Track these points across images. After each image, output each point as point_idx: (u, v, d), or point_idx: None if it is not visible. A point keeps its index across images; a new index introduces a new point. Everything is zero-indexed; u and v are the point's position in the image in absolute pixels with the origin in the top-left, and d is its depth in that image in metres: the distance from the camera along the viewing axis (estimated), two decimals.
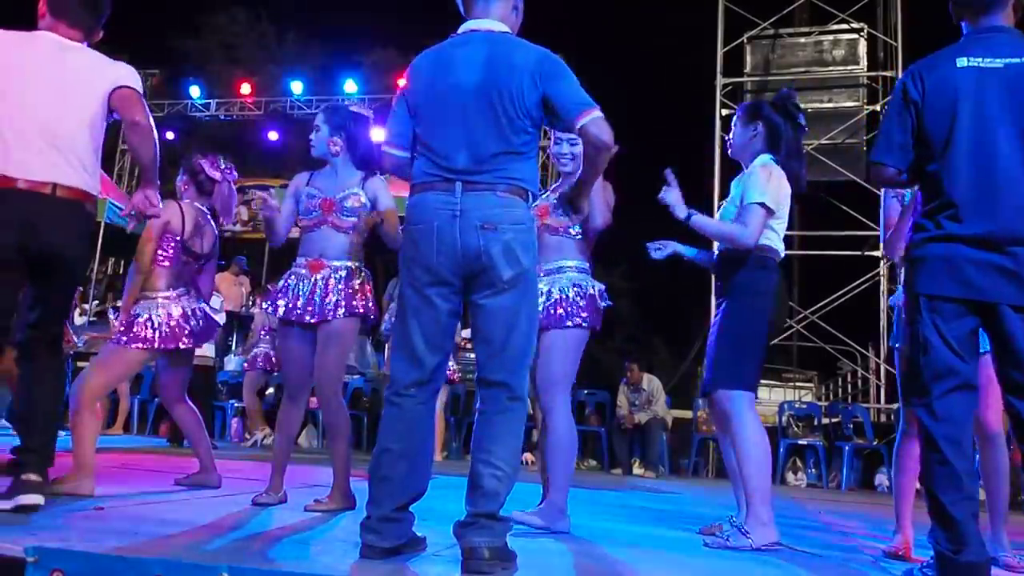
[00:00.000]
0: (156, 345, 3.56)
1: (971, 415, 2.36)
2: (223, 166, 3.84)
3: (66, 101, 2.70)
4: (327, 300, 3.25)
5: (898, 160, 2.47)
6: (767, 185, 3.09)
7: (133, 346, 3.54)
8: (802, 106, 3.43)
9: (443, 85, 2.35)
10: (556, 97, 2.31)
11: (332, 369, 3.28)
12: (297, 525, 2.84)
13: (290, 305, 3.30)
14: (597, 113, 2.32)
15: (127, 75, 2.83)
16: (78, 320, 9.18)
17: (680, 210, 3.16)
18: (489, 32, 2.40)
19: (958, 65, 2.39)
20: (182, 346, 3.63)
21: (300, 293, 3.30)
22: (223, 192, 3.82)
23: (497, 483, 2.21)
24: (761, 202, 3.07)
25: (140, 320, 3.58)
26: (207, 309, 3.81)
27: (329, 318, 3.24)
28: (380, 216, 3.33)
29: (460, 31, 2.45)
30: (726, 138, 3.41)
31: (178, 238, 3.68)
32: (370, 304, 3.33)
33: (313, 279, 3.30)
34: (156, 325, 3.57)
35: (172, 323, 3.60)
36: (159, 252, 3.66)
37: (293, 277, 3.36)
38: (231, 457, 6.01)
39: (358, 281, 3.31)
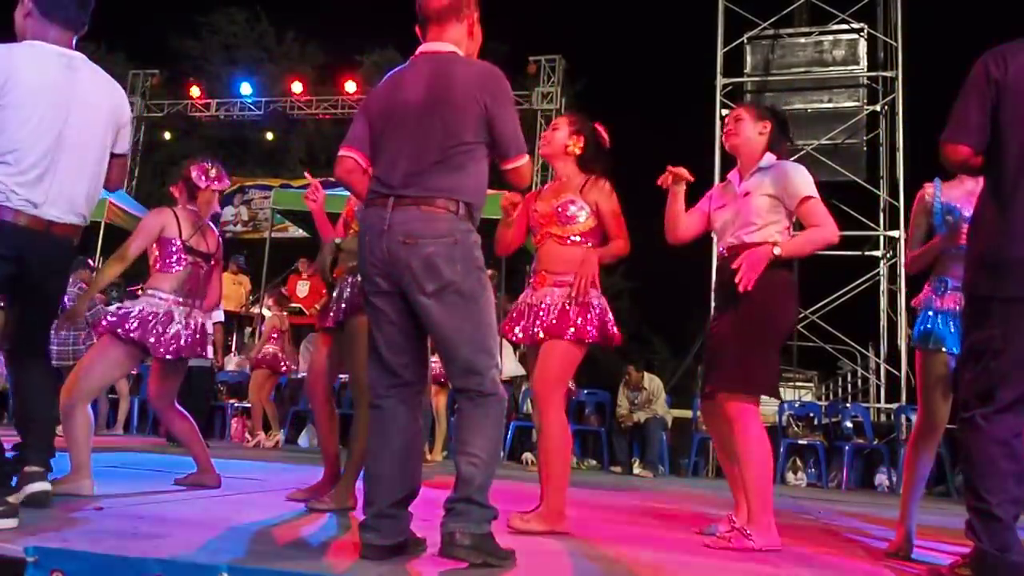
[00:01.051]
0: (141, 339, 3.52)
1: None
2: (213, 174, 3.84)
3: (72, 131, 2.61)
4: (343, 304, 3.37)
5: (975, 141, 2.33)
6: (806, 177, 3.09)
7: (122, 339, 3.51)
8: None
9: (391, 105, 2.44)
10: (496, 130, 2.40)
11: (360, 366, 3.28)
12: (297, 525, 2.84)
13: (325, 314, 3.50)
14: (524, 160, 2.46)
15: (126, 117, 2.85)
16: None
17: (766, 251, 2.96)
18: (435, 53, 2.48)
19: None
20: (168, 355, 3.59)
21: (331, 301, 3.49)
22: (205, 199, 3.84)
23: (473, 469, 2.26)
24: (812, 195, 3.05)
25: (132, 314, 3.55)
26: (204, 322, 3.79)
27: (341, 319, 3.35)
28: None
29: (415, 55, 2.53)
30: (728, 130, 3.35)
31: (178, 242, 3.67)
32: None
33: (339, 285, 3.46)
34: (148, 322, 3.54)
35: (163, 328, 3.58)
36: (164, 259, 3.66)
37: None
38: (231, 457, 6.01)
39: None
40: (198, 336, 3.71)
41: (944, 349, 3.05)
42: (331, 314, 3.45)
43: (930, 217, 3.18)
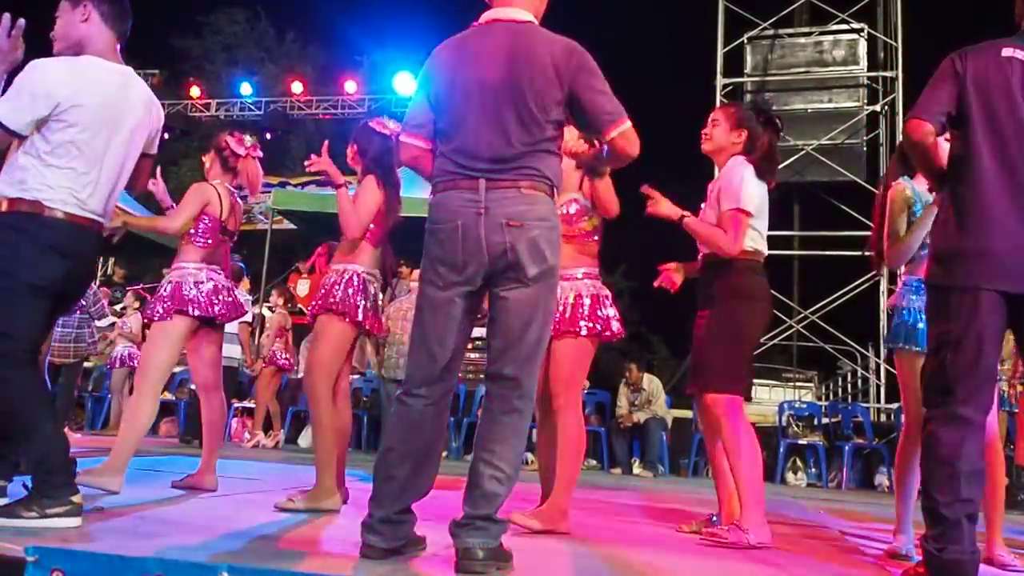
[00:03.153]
0: (192, 309, 3.54)
1: (987, 416, 2.32)
2: (248, 143, 3.87)
3: (127, 143, 2.74)
4: (319, 300, 3.36)
5: (936, 121, 2.37)
6: (742, 189, 3.12)
7: (175, 316, 3.53)
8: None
9: (467, 79, 2.30)
10: (587, 102, 2.28)
11: (311, 364, 3.32)
12: (297, 525, 2.84)
13: None
14: (627, 125, 2.31)
15: (161, 123, 2.94)
16: (100, 322, 9.10)
17: (673, 211, 3.20)
18: (512, 22, 2.34)
19: (1003, 55, 2.34)
20: (216, 313, 3.62)
21: None
22: (250, 168, 3.86)
23: (498, 485, 2.19)
24: (738, 207, 3.11)
25: (168, 289, 3.58)
26: (235, 291, 3.83)
27: (313, 315, 3.36)
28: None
29: (483, 20, 2.40)
30: (704, 132, 3.39)
31: (217, 218, 3.70)
32: (349, 302, 3.27)
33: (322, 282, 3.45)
34: (190, 291, 3.58)
35: (205, 291, 3.61)
36: (198, 233, 3.66)
37: None
38: (231, 457, 6.01)
39: (344, 279, 3.31)
40: (230, 299, 3.73)
41: (920, 349, 3.05)
42: (310, 308, 3.44)
43: (910, 211, 3.20)
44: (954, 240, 2.33)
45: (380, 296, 3.46)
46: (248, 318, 8.23)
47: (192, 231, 3.67)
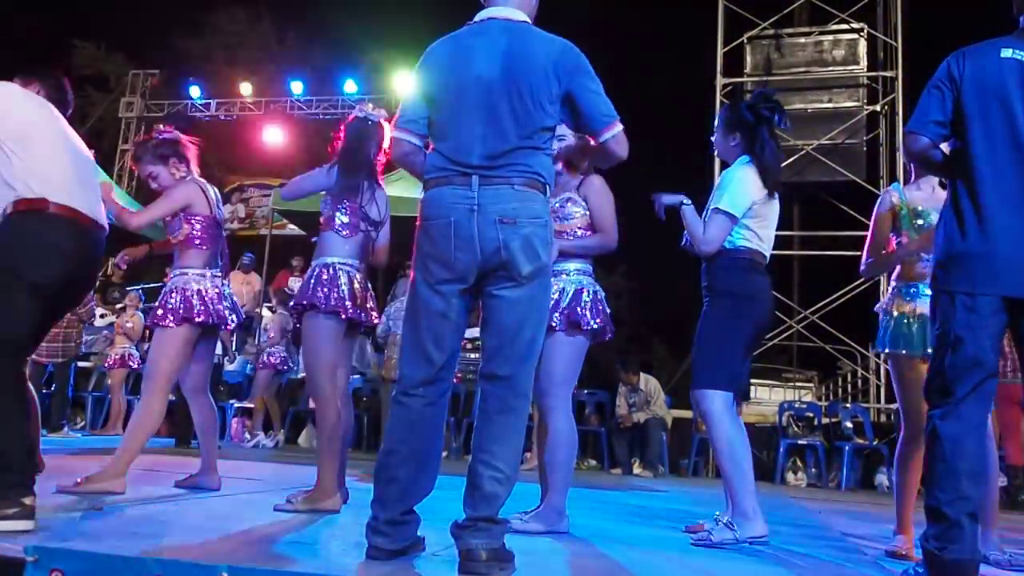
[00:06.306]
0: (199, 318, 3.52)
1: (987, 414, 2.34)
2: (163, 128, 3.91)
3: (78, 151, 2.83)
4: (304, 301, 3.32)
5: (933, 133, 2.40)
6: (733, 191, 3.13)
7: (177, 323, 3.51)
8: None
9: (462, 76, 2.31)
10: (583, 103, 2.31)
11: (306, 364, 3.34)
12: (297, 525, 2.84)
13: None
14: (619, 128, 2.36)
15: None
16: (100, 322, 9.08)
17: (674, 199, 3.22)
18: (507, 21, 2.36)
19: (1002, 55, 2.35)
20: (219, 321, 3.61)
21: None
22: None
23: (497, 486, 2.18)
24: (719, 208, 3.12)
25: (175, 296, 3.55)
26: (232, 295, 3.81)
27: (297, 315, 3.37)
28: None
29: (477, 19, 2.41)
30: (713, 138, 3.41)
31: (207, 215, 3.64)
32: (334, 299, 3.23)
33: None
34: (194, 298, 3.54)
35: (207, 298, 3.58)
36: (192, 236, 3.60)
37: None
38: (231, 457, 6.01)
39: (324, 277, 3.28)
40: (231, 304, 3.72)
41: (917, 353, 3.07)
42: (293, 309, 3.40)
43: (897, 220, 3.22)
44: (951, 243, 2.35)
45: (367, 285, 3.40)
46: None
47: (188, 234, 3.60)
